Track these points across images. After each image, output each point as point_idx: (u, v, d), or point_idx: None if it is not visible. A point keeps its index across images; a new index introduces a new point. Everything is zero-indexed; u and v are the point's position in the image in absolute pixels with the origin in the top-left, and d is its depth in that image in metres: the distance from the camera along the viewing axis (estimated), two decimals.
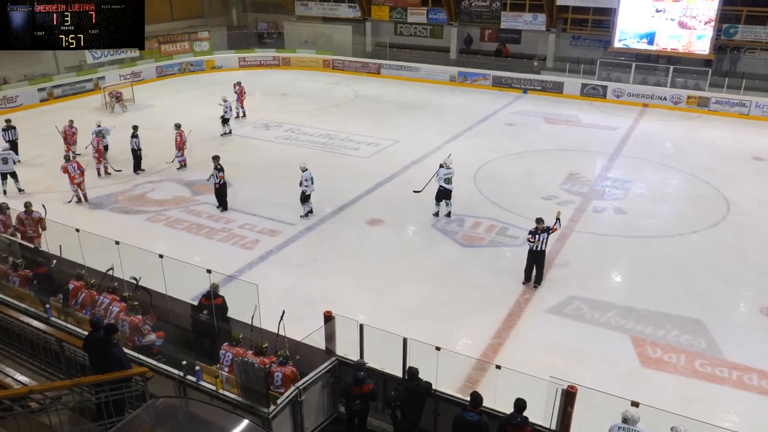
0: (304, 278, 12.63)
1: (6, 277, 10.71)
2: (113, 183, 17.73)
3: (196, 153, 20.18)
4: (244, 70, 34.04)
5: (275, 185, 17.56)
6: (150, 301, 9.85)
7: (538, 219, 12.38)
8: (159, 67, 32.24)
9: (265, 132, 22.84)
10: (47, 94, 27.28)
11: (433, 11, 32.58)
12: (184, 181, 17.86)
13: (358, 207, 16.18)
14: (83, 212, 15.72)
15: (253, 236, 14.48)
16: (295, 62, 34.53)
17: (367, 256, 13.60)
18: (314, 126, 23.35)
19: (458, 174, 18.24)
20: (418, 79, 31.37)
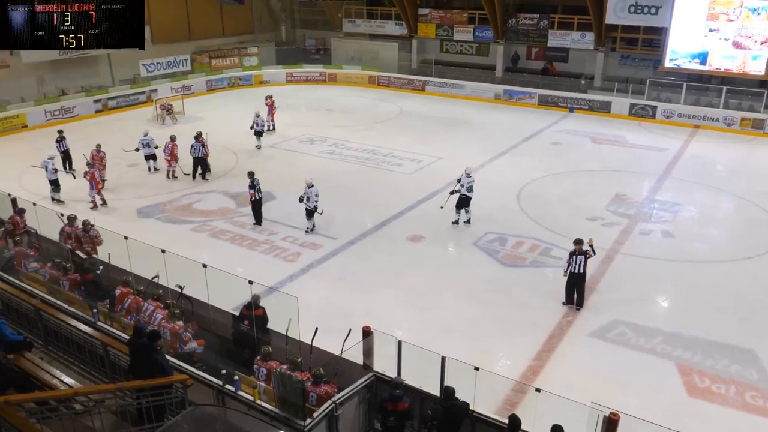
0: (344, 292, 12.67)
1: (57, 281, 11.08)
2: (162, 193, 18.19)
3: (242, 166, 20.56)
4: (291, 85, 34.62)
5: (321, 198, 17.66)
6: (191, 310, 10.03)
7: (577, 240, 12.19)
8: (209, 80, 33.09)
9: (309, 146, 23.11)
10: (102, 105, 28.29)
11: (480, 29, 32.58)
12: (230, 192, 18.20)
13: (399, 223, 16.18)
14: (132, 220, 16.15)
15: (295, 249, 14.62)
16: (341, 78, 34.96)
17: (408, 273, 13.56)
18: (358, 141, 23.52)
19: (501, 193, 18.16)
20: (463, 96, 31.34)
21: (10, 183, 17.56)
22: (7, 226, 13.12)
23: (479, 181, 19.16)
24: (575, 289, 12.16)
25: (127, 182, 19.21)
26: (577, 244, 12.07)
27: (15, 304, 9.94)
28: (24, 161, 19.94)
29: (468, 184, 15.55)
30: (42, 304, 9.77)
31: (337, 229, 15.61)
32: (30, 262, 11.96)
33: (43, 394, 7.51)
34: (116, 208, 16.96)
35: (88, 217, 13.32)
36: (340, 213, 16.41)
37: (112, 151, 20.95)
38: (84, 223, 12.85)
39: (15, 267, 11.91)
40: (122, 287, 10.32)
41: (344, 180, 19.37)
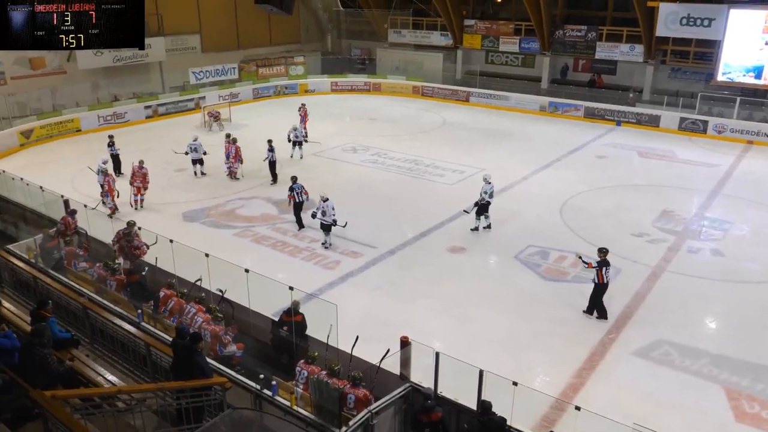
0: (383, 301, 12.68)
1: (105, 281, 11.42)
2: (207, 198, 18.56)
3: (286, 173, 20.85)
4: (335, 94, 34.97)
5: (359, 208, 17.78)
6: (232, 313, 10.19)
7: (604, 249, 12.23)
8: (256, 89, 33.70)
9: (352, 155, 23.28)
10: (152, 111, 29.10)
11: (526, 41, 32.35)
12: (273, 199, 18.45)
13: (440, 233, 16.13)
14: (178, 224, 16.52)
15: (335, 257, 14.71)
16: (385, 88, 35.15)
17: (447, 284, 13.50)
18: (401, 151, 23.58)
19: (544, 206, 17.95)
20: (508, 107, 31.12)
21: (64, 185, 18.17)
22: (59, 226, 13.60)
23: (521, 194, 19.05)
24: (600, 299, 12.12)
25: (174, 186, 19.69)
26: (604, 254, 12.07)
27: (64, 302, 10.27)
28: (77, 164, 20.66)
29: (490, 190, 15.86)
30: (89, 303, 10.07)
31: (377, 238, 15.65)
32: (79, 262, 12.37)
33: (88, 391, 7.73)
34: (162, 211, 17.38)
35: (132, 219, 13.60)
36: (380, 222, 16.45)
37: (162, 157, 21.57)
38: (129, 224, 13.02)
39: (65, 266, 12.33)
40: (166, 289, 10.57)
41: (386, 189, 19.43)
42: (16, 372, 7.59)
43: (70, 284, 11.22)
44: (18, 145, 23.89)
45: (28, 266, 11.50)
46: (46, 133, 25.18)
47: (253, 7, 29.05)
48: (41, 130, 25.00)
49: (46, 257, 12.67)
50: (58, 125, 25.73)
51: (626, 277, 13.85)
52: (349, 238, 15.67)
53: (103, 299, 10.72)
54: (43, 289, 10.63)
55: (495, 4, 34.98)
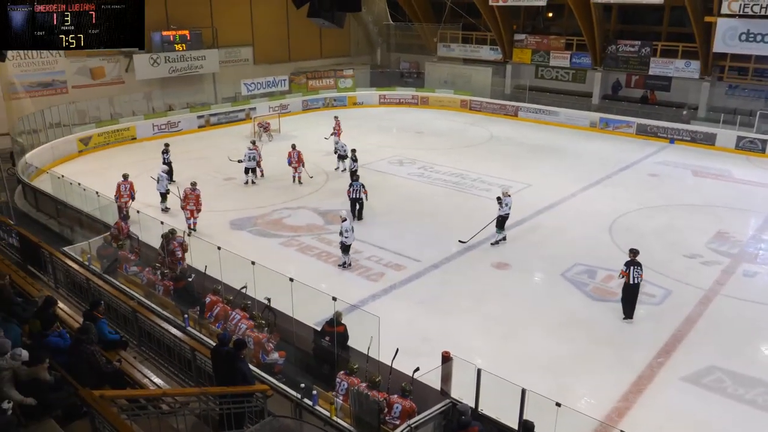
0: (425, 315, 12.62)
1: (153, 285, 11.72)
2: (254, 206, 18.88)
3: (332, 185, 21.09)
4: (383, 107, 35.19)
5: (405, 220, 17.84)
6: (274, 321, 10.30)
7: (635, 250, 12.37)
8: (305, 100, 34.22)
9: (398, 168, 23.34)
10: (205, 121, 29.86)
11: (577, 55, 31.94)
12: (319, 210, 18.64)
13: (485, 249, 15.99)
14: (225, 232, 16.84)
15: (379, 269, 14.74)
16: (433, 101, 35.19)
17: (491, 300, 13.35)
18: (447, 165, 23.53)
19: (593, 224, 17.61)
20: (557, 123, 30.71)
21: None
22: (113, 230, 14.06)
23: (569, 211, 18.75)
24: (632, 301, 12.31)
25: (223, 194, 20.11)
26: (634, 254, 12.23)
27: (115, 304, 10.58)
28: (131, 171, 21.14)
29: (510, 203, 15.96)
30: (138, 306, 10.35)
31: (421, 251, 15.62)
32: (130, 266, 12.73)
33: (134, 392, 7.92)
34: (211, 219, 17.76)
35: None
36: (425, 236, 16.42)
37: (212, 165, 22.07)
38: (171, 232, 13.18)
39: (117, 269, 12.71)
40: (212, 295, 10.77)
41: (431, 203, 19.40)
42: (67, 370, 7.84)
43: (120, 287, 11.56)
44: (77, 152, 24.85)
45: (81, 268, 11.90)
46: (104, 140, 26.10)
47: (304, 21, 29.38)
48: (99, 137, 25.94)
49: (102, 260, 13.10)
50: (115, 133, 26.64)
51: (677, 299, 13.43)
52: (393, 250, 15.68)
53: (151, 303, 11.01)
54: (96, 291, 10.98)
55: (546, 18, 34.69)
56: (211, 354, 8.36)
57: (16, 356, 7.20)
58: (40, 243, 12.80)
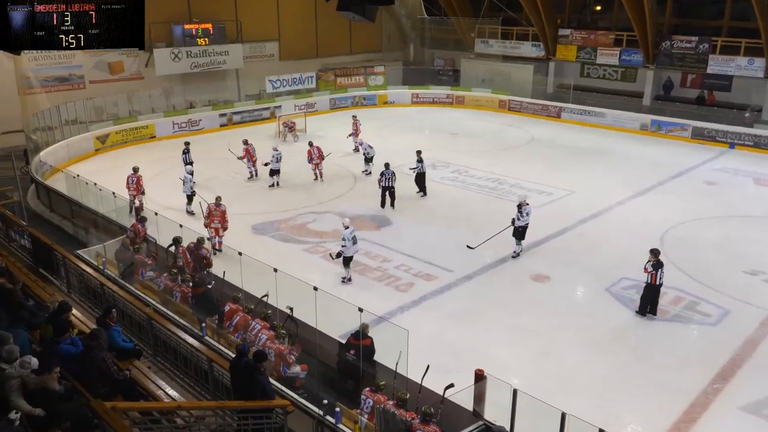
0: (457, 329, 12.54)
1: (171, 292, 11.87)
2: (277, 210, 19.04)
3: (360, 188, 21.17)
4: (416, 107, 35.22)
5: (437, 228, 17.80)
6: (296, 332, 10.34)
7: (657, 251, 13.03)
8: (333, 99, 34.45)
9: (431, 171, 23.21)
10: (227, 119, 30.26)
11: (627, 52, 31.52)
12: (346, 214, 18.64)
13: (523, 259, 15.85)
14: (246, 236, 16.99)
15: (408, 278, 14.71)
16: (469, 101, 35.10)
17: (528, 314, 13.21)
18: (483, 168, 23.42)
19: (642, 234, 17.32)
20: (603, 125, 30.34)
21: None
22: (129, 233, 14.28)
23: (616, 220, 18.49)
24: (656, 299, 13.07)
25: (245, 197, 20.35)
26: (656, 255, 12.95)
27: (129, 311, 10.74)
28: (149, 171, 21.61)
29: (529, 211, 15.85)
30: (154, 313, 10.49)
31: (454, 261, 15.54)
32: (147, 271, 12.93)
33: (148, 404, 8.02)
34: (232, 222, 17.89)
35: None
36: (458, 244, 16.33)
37: (234, 166, 22.31)
38: (199, 240, 13.40)
39: (133, 274, 12.91)
40: (232, 303, 10.86)
41: (466, 209, 19.33)
42: (78, 378, 7.97)
43: (136, 293, 11.73)
44: (93, 150, 25.40)
45: (96, 273, 12.11)
46: (121, 138, 26.65)
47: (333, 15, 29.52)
48: (116, 135, 26.49)
49: (117, 265, 13.32)
50: (133, 131, 27.16)
51: (736, 319, 13.10)
52: (424, 259, 15.65)
53: (167, 310, 11.14)
54: (110, 297, 11.16)
55: (593, 12, 34.37)
56: (230, 367, 8.42)
57: (26, 364, 7.30)
58: (53, 245, 13.06)
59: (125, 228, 14.90)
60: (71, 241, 15.77)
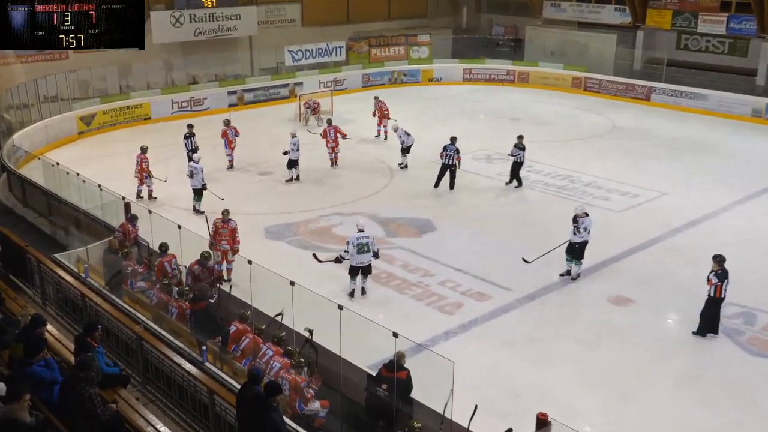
0: (515, 362, 12.45)
1: (165, 307, 12.00)
2: (296, 210, 19.15)
3: (397, 185, 21.17)
4: (468, 85, 35.16)
5: (493, 235, 17.71)
6: (316, 360, 10.36)
7: (718, 257, 13.01)
8: (366, 75, 34.56)
9: (485, 165, 23.21)
10: (237, 98, 30.59)
11: (737, 19, 30.95)
12: (378, 217, 18.72)
13: (599, 277, 15.68)
14: (258, 241, 17.12)
15: (456, 297, 14.65)
16: (534, 79, 34.89)
17: (605, 345, 13.06)
18: (551, 163, 23.26)
19: (755, 250, 17.00)
20: (705, 110, 29.94)
21: (125, 184, 19.39)
22: (117, 234, 14.46)
23: (718, 230, 18.17)
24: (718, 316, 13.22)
25: (258, 193, 20.60)
26: (720, 263, 12.98)
27: (116, 328, 10.89)
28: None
29: (588, 225, 15.23)
30: (145, 332, 10.60)
31: (512, 276, 15.43)
32: (137, 280, 13.09)
33: None
34: (241, 224, 18.03)
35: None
36: (518, 256, 16.21)
37: (245, 155, 22.52)
38: (202, 256, 13.32)
39: (121, 285, 13.09)
40: (239, 323, 10.94)
41: (527, 213, 19.19)
42: (54, 411, 8.08)
43: (123, 308, 11.88)
44: (76, 133, 25.97)
45: (76, 281, 12.29)
46: (110, 119, 27.20)
47: None
48: (104, 116, 27.03)
49: (102, 272, 13.52)
50: (124, 111, 27.67)
51: None
52: (476, 274, 15.59)
53: (161, 329, 11.26)
54: (92, 311, 11.33)
55: None
56: (237, 398, 8.45)
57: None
58: (26, 247, 13.26)
59: (112, 228, 15.11)
60: (48, 243, 16.03)
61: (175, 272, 13.19)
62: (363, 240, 14.32)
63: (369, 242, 14.37)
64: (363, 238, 14.35)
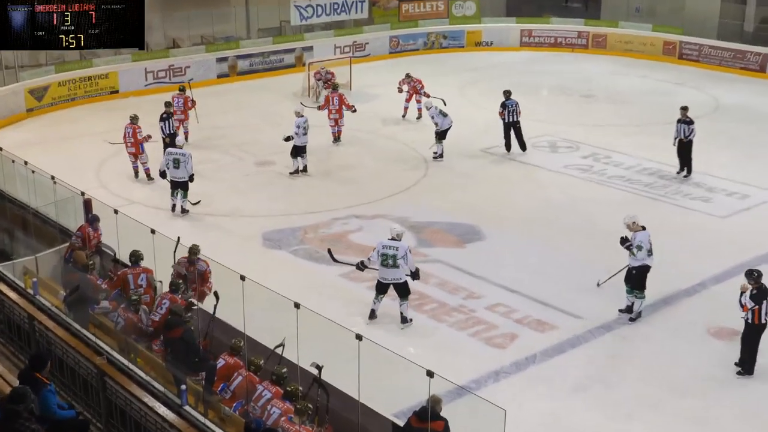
0: (585, 411, 12.40)
1: (134, 332, 12.01)
2: (302, 211, 19.15)
3: (432, 179, 21.15)
4: (526, 51, 35.09)
5: (556, 245, 17.61)
6: (326, 405, 10.36)
7: (753, 273, 12.85)
8: (394, 37, 34.59)
9: (549, 155, 23.12)
10: (229, 67, 30.75)
11: None
12: (409, 221, 18.65)
13: (696, 302, 15.56)
14: (253, 251, 17.17)
15: (509, 326, 14.57)
16: (613, 43, 34.75)
17: (705, 391, 12.96)
18: (634, 153, 23.17)
19: None
20: None
21: (86, 176, 19.55)
22: (74, 240, 14.54)
23: None
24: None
25: (254, 189, 20.70)
26: (756, 279, 12.80)
27: (72, 360, 10.94)
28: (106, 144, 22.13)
29: (644, 242, 14.72)
30: (108, 366, 10.63)
31: (582, 300, 15.32)
32: (100, 299, 13.12)
33: None
34: (232, 228, 18.16)
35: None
36: (590, 274, 16.13)
37: (237, 142, 22.58)
38: (191, 250, 13.56)
39: (79, 304, 13.11)
40: (228, 356, 10.96)
41: (602, 217, 19.03)
42: None
43: (81, 334, 11.91)
44: (24, 111, 26.19)
45: (22, 299, 12.35)
46: (67, 93, 27.46)
47: None
48: (60, 88, 27.27)
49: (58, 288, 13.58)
50: (85, 83, 27.93)
51: None
52: (534, 296, 15.50)
53: (128, 362, 11.29)
54: (43, 338, 11.38)
55: None
56: None
57: None
58: None
59: (69, 231, 15.17)
60: None
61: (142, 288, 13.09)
62: (389, 251, 14.08)
63: (397, 255, 14.04)
64: (390, 248, 14.09)
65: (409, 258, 14.20)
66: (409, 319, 14.49)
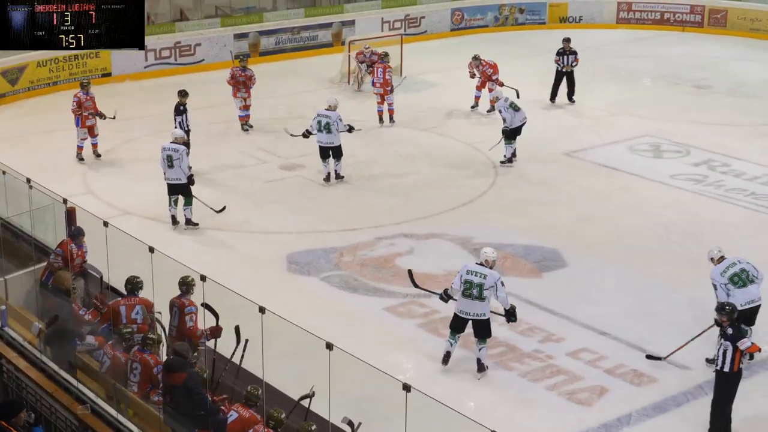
0: None
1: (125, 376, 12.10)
2: (339, 228, 19.15)
3: (503, 186, 21.12)
4: (625, 29, 35.08)
5: (660, 275, 17.51)
6: None
7: (725, 308, 12.52)
8: (457, 11, 34.61)
9: (652, 162, 23.03)
10: (249, 45, 30.79)
11: None
12: (472, 242, 18.62)
13: None
14: (275, 276, 17.19)
15: (597, 377, 14.49)
16: (735, 21, 34.64)
17: None
18: (759, 160, 22.99)
19: None
20: None
21: (70, 179, 19.78)
22: (53, 260, 14.66)
23: None
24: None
25: (275, 200, 20.79)
26: (728, 315, 12.39)
27: (50, 410, 11.05)
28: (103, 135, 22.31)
29: (752, 280, 14.58)
30: (93, 418, 10.74)
31: (691, 347, 15.21)
32: (85, 333, 13.20)
33: None
34: (249, 248, 18.22)
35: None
36: (702, 312, 16.01)
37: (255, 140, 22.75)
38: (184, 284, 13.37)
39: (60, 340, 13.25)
40: (243, 407, 11.00)
41: (719, 242, 18.90)
42: None
43: (62, 377, 12.03)
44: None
45: None
46: (48, 76, 27.85)
47: None
48: (39, 70, 27.66)
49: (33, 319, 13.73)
50: (71, 63, 28.27)
51: None
52: (631, 340, 15.41)
53: (117, 414, 11.38)
54: (13, 381, 11.51)
55: None
56: None
57: None
58: None
59: (46, 248, 15.31)
60: None
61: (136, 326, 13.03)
62: (475, 278, 13.70)
63: (484, 285, 13.69)
64: (477, 275, 13.72)
65: (501, 291, 13.83)
66: (486, 367, 14.30)
